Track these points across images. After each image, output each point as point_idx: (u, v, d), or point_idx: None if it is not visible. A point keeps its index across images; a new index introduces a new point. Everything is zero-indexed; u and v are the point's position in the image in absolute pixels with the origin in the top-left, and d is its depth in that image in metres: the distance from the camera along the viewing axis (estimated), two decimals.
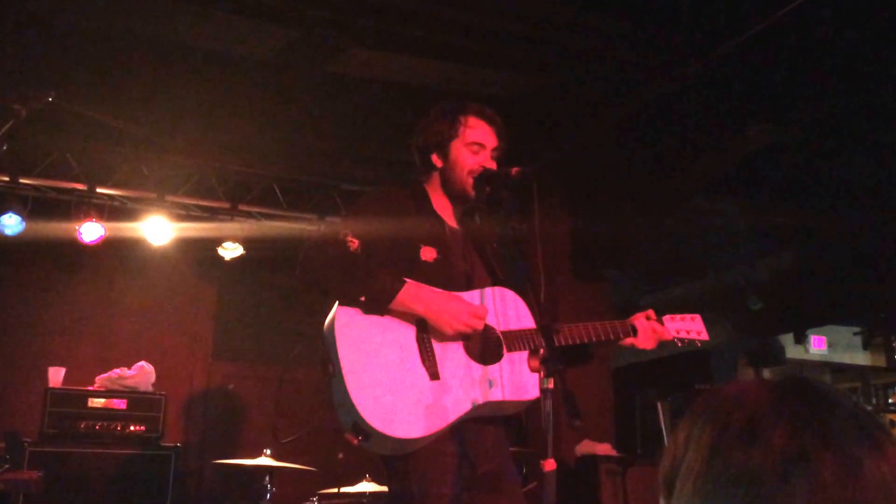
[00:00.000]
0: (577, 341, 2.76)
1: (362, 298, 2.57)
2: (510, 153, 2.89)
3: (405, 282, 2.58)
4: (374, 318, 2.59)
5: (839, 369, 11.23)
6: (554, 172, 6.16)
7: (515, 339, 2.70)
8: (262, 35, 4.96)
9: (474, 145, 2.81)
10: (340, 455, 4.92)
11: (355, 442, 2.50)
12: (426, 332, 2.63)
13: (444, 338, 2.63)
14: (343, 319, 2.56)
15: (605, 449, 6.10)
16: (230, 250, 6.66)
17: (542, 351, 2.21)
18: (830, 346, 10.40)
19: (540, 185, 2.57)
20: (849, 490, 0.82)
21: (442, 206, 2.89)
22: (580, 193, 6.62)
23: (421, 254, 2.72)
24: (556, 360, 2.18)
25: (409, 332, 2.61)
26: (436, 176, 2.89)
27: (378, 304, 2.57)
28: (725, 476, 0.85)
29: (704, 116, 5.55)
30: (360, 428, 2.45)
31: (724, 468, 0.86)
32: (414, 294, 2.57)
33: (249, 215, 6.61)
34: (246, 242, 6.64)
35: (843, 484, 0.82)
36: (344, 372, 2.48)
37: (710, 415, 0.91)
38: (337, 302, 2.60)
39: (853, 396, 0.97)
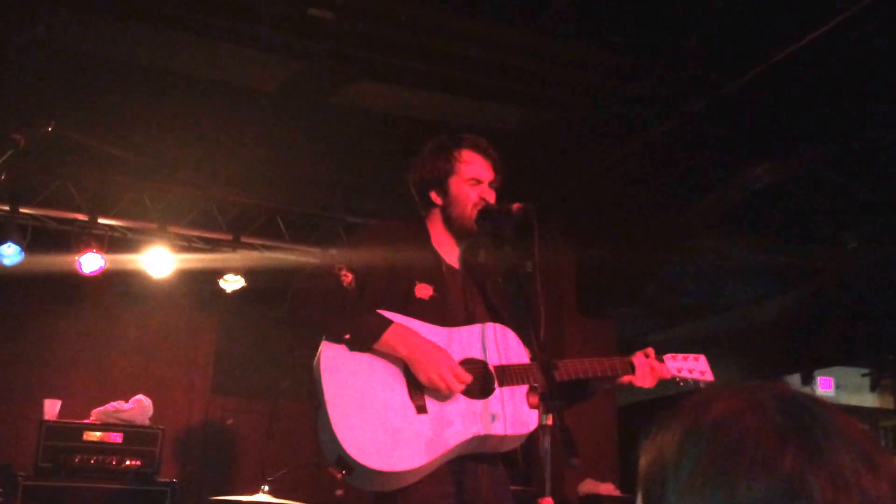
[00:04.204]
0: (575, 377, 2.72)
1: (347, 336, 2.55)
2: (513, 188, 2.85)
3: (391, 322, 2.55)
4: (361, 354, 2.57)
5: (847, 411, 11.10)
6: (558, 208, 6.15)
7: (510, 375, 2.65)
8: (266, 66, 4.98)
9: (472, 180, 2.79)
10: (339, 492, 4.81)
11: (339, 476, 2.47)
12: None
13: None
14: (329, 353, 2.55)
15: (608, 489, 6.04)
16: (232, 282, 6.60)
17: (541, 387, 2.17)
18: (838, 387, 10.32)
19: (542, 222, 2.55)
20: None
21: (441, 242, 2.85)
22: (584, 230, 6.61)
23: (416, 290, 2.69)
24: (555, 397, 2.15)
25: (397, 368, 2.57)
26: (436, 212, 2.85)
27: (362, 343, 2.56)
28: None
29: (708, 154, 5.55)
30: (344, 461, 2.43)
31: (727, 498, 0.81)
32: (399, 336, 2.54)
33: (252, 247, 6.56)
34: (248, 274, 6.58)
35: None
36: (328, 404, 2.46)
37: (708, 438, 0.87)
38: (324, 336, 2.59)
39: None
